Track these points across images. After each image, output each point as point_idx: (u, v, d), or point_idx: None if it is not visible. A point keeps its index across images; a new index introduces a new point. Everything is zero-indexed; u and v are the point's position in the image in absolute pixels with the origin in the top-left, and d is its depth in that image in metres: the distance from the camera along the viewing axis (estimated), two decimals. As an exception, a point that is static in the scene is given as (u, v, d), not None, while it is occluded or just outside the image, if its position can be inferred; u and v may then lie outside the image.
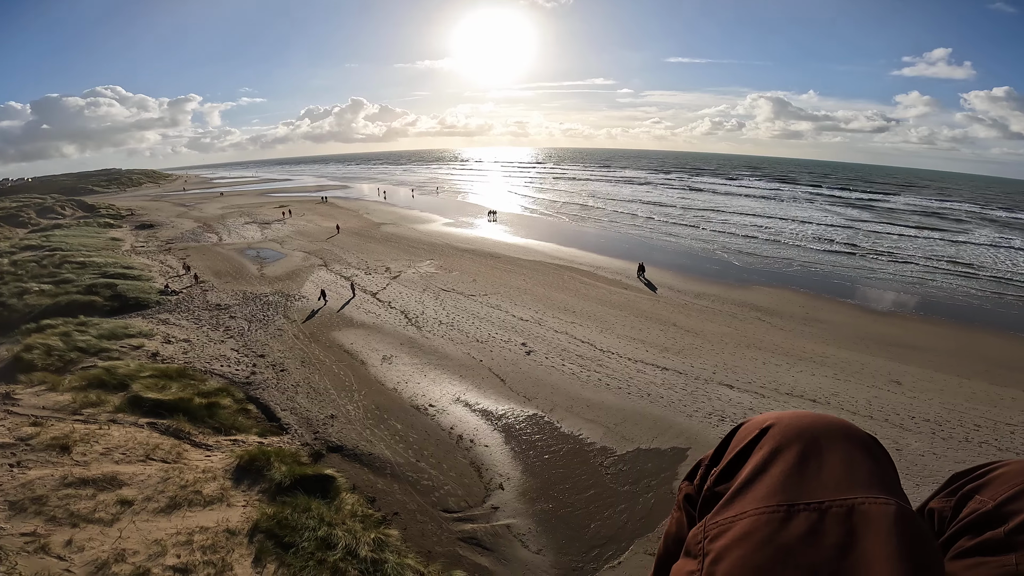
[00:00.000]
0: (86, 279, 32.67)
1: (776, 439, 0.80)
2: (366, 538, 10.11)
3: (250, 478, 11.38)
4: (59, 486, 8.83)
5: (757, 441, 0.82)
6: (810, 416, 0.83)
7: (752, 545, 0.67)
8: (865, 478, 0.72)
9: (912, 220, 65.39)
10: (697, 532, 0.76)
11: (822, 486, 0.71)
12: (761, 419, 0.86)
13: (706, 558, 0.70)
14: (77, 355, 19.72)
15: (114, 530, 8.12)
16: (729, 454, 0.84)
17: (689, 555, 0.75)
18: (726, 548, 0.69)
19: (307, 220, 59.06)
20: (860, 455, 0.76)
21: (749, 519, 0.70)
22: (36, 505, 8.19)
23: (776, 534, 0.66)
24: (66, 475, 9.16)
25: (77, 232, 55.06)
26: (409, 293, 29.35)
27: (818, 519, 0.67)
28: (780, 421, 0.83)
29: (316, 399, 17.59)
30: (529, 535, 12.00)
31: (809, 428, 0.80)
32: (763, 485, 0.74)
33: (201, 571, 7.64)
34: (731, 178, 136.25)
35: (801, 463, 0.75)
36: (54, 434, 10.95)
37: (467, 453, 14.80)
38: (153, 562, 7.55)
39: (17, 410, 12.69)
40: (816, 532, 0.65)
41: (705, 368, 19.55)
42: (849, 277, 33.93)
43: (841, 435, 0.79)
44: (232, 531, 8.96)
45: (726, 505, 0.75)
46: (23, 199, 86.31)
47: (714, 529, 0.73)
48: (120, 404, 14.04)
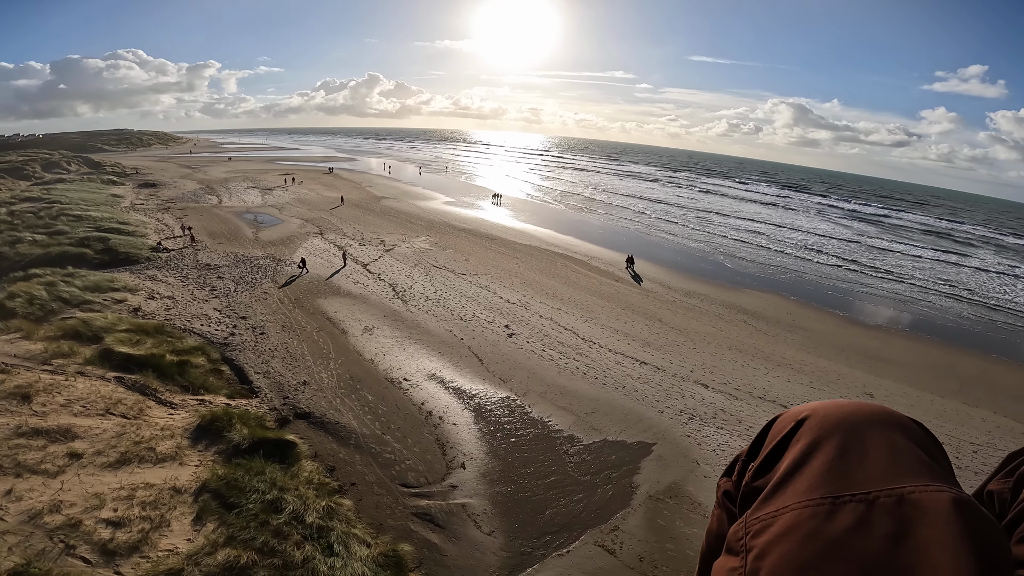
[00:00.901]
0: (80, 232, 32.64)
1: (814, 431, 0.76)
2: (316, 505, 10.12)
3: (209, 438, 11.38)
4: (11, 435, 8.82)
5: (794, 433, 0.79)
6: (849, 405, 0.79)
7: (797, 539, 0.63)
8: (913, 466, 0.68)
9: (918, 239, 64.40)
10: (738, 528, 0.73)
11: (867, 477, 0.67)
12: (797, 411, 0.83)
13: (749, 554, 0.67)
14: (59, 305, 19.73)
15: (56, 482, 8.11)
16: (766, 448, 0.82)
17: (731, 552, 0.72)
18: (770, 543, 0.66)
19: (309, 189, 58.82)
20: (905, 442, 0.72)
21: (792, 513, 0.67)
22: (-16, 453, 8.17)
23: (822, 527, 0.63)
24: (21, 424, 9.15)
25: (79, 187, 54.92)
26: (400, 267, 29.27)
27: (865, 510, 0.63)
28: (817, 412, 0.80)
29: (291, 364, 17.58)
30: (483, 516, 12.00)
31: (849, 417, 0.76)
32: (804, 478, 0.71)
33: (135, 526, 7.64)
34: (741, 181, 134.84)
35: (842, 454, 0.71)
36: (18, 382, 10.93)
37: (434, 430, 14.79)
38: (88, 515, 7.55)
39: (-13, 356, 12.69)
40: (865, 524, 0.61)
41: (684, 365, 19.47)
42: (841, 289, 33.59)
43: (883, 422, 0.75)
44: (178, 489, 8.95)
45: (766, 500, 0.72)
46: (30, 153, 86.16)
47: (756, 525, 0.70)
48: (91, 356, 14.03)
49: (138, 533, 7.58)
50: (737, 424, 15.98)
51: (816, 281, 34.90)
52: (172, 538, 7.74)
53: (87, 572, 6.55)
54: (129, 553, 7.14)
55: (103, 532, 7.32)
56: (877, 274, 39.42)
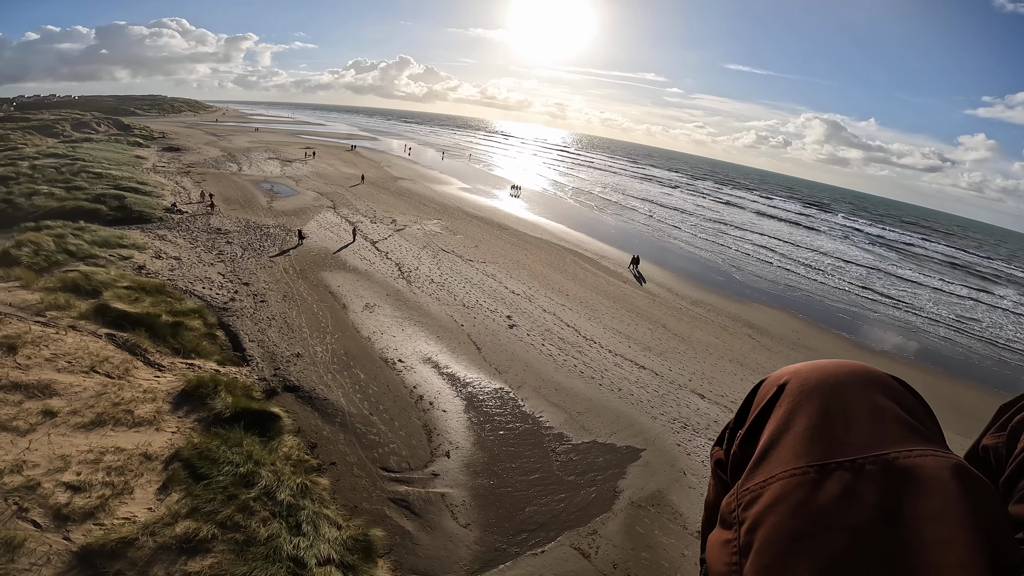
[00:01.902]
0: (98, 189, 32.88)
1: (795, 395, 0.74)
2: (291, 482, 9.93)
3: (191, 404, 11.25)
4: (-12, 389, 8.70)
5: (776, 399, 0.76)
6: (829, 365, 0.76)
7: (787, 510, 0.62)
8: (897, 429, 0.66)
9: (939, 270, 62.20)
10: (730, 499, 0.72)
11: (851, 442, 0.65)
12: (779, 374, 0.80)
13: (742, 526, 0.66)
14: (64, 257, 19.79)
15: (25, 440, 7.96)
16: (751, 415, 0.79)
17: (725, 524, 0.71)
18: (761, 514, 0.64)
19: (328, 164, 58.84)
20: (888, 403, 0.70)
21: (780, 482, 0.65)
22: (-48, 406, 8.04)
23: (810, 497, 0.62)
24: (0, 377, 9.02)
25: (104, 147, 55.45)
26: (409, 247, 29.07)
27: (853, 478, 0.61)
28: (798, 374, 0.77)
29: (287, 335, 17.46)
30: (461, 507, 11.75)
31: (829, 379, 0.73)
32: (788, 446, 0.69)
33: (96, 491, 7.47)
34: (765, 196, 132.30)
35: (825, 418, 0.69)
36: (7, 332, 10.84)
37: (423, 415, 14.57)
38: (49, 477, 7.39)
39: (-18, 304, 12.66)
40: (852, 492, 0.60)
41: (682, 374, 19.05)
42: (851, 312, 32.65)
43: (865, 383, 0.72)
44: (149, 456, 8.79)
45: (754, 469, 0.71)
46: (62, 113, 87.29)
47: (746, 495, 0.68)
48: (86, 311, 13.96)
49: (97, 499, 7.41)
50: (732, 439, 15.58)
51: (827, 303, 33.99)
52: (132, 506, 7.58)
53: (34, 536, 6.38)
54: (83, 519, 6.97)
55: (60, 496, 7.17)
56: (890, 302, 38.21)
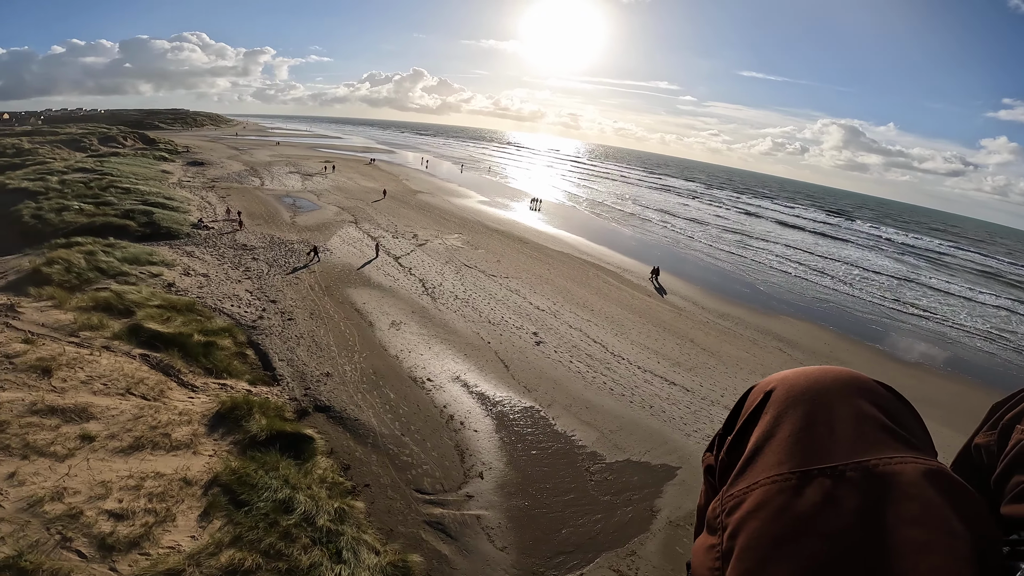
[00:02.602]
0: (126, 204, 33.43)
1: (781, 402, 0.75)
2: (328, 507, 9.80)
3: (226, 426, 11.18)
4: (25, 412, 8.66)
5: (763, 405, 0.77)
6: (815, 372, 0.77)
7: (767, 516, 0.63)
8: (880, 436, 0.67)
9: (971, 279, 59.72)
10: (715, 505, 0.72)
11: (834, 448, 0.66)
12: (766, 382, 0.81)
13: (725, 531, 0.67)
14: (95, 275, 20.04)
15: (64, 466, 7.91)
16: (739, 421, 0.80)
17: (711, 529, 0.71)
18: (742, 520, 0.65)
19: (347, 177, 59.41)
20: (872, 409, 0.71)
21: (762, 489, 0.66)
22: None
23: (790, 503, 0.62)
24: (36, 401, 9.00)
25: (131, 161, 56.59)
26: (431, 263, 29.05)
27: (833, 485, 0.62)
28: (784, 381, 0.77)
29: (316, 354, 17.43)
30: (497, 530, 11.54)
31: (814, 386, 0.75)
32: (772, 452, 0.70)
33: (139, 519, 7.38)
34: (787, 204, 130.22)
35: (809, 425, 0.70)
36: (41, 355, 10.87)
37: (454, 435, 14.39)
38: (90, 504, 7.31)
39: (16, 324, 12.74)
40: (833, 498, 0.61)
41: (714, 389, 18.66)
42: (882, 324, 31.80)
43: (850, 390, 0.73)
44: (188, 481, 8.71)
45: (739, 475, 0.72)
46: (90, 127, 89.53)
47: (730, 501, 0.69)
48: (120, 331, 14.04)
49: (141, 527, 7.31)
50: (770, 459, 15.15)
51: (857, 314, 33.15)
52: (176, 534, 7.47)
53: (81, 567, 6.29)
54: (128, 549, 6.87)
55: (104, 524, 7.08)
56: (922, 312, 37.07)
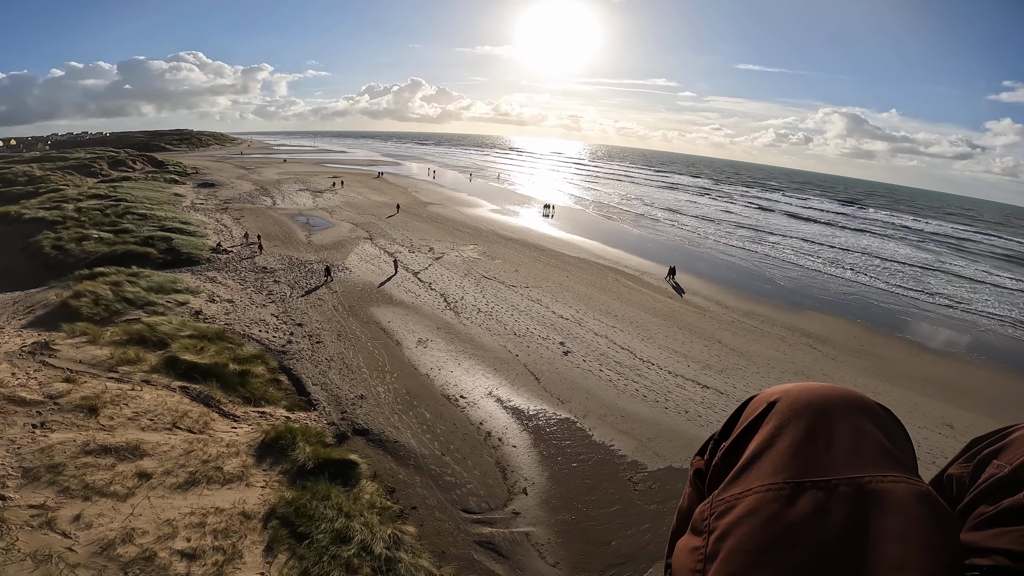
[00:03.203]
0: (145, 231, 33.75)
1: (783, 413, 0.76)
2: (382, 533, 9.77)
3: (273, 456, 11.20)
4: (79, 453, 8.70)
5: (765, 415, 0.78)
6: (820, 388, 0.79)
7: (758, 522, 0.65)
8: (876, 454, 0.69)
9: (997, 264, 58.14)
10: (704, 508, 0.74)
11: (830, 463, 0.68)
12: (769, 392, 0.83)
13: (711, 535, 0.68)
14: (123, 306, 20.18)
15: (127, 506, 7.93)
16: (737, 429, 0.81)
17: (695, 531, 0.73)
18: (732, 525, 0.66)
19: (357, 192, 59.70)
20: (871, 428, 0.73)
21: (755, 496, 0.67)
22: (51, 474, 8.01)
23: (782, 512, 0.64)
24: (89, 441, 9.04)
25: (143, 185, 57.21)
26: (450, 276, 29.06)
27: (825, 497, 0.64)
28: (788, 394, 0.79)
29: (348, 376, 17.45)
30: (547, 546, 11.48)
31: (818, 401, 0.76)
32: (769, 461, 0.71)
33: (209, 557, 7.38)
34: (799, 196, 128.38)
35: (809, 438, 0.72)
36: (85, 393, 10.94)
37: (494, 452, 14.34)
38: (161, 545, 7.32)
39: (53, 362, 12.84)
40: (823, 510, 0.63)
41: (748, 391, 18.45)
42: (911, 314, 31.42)
43: (852, 408, 0.75)
44: (247, 514, 8.71)
45: (733, 481, 0.73)
46: (98, 151, 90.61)
47: (720, 506, 0.71)
48: (156, 364, 14.13)
49: (212, 566, 7.32)
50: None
51: (884, 305, 32.75)
52: (245, 572, 7.47)
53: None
54: (206, 590, 6.90)
55: (178, 565, 7.09)
56: (949, 300, 36.47)
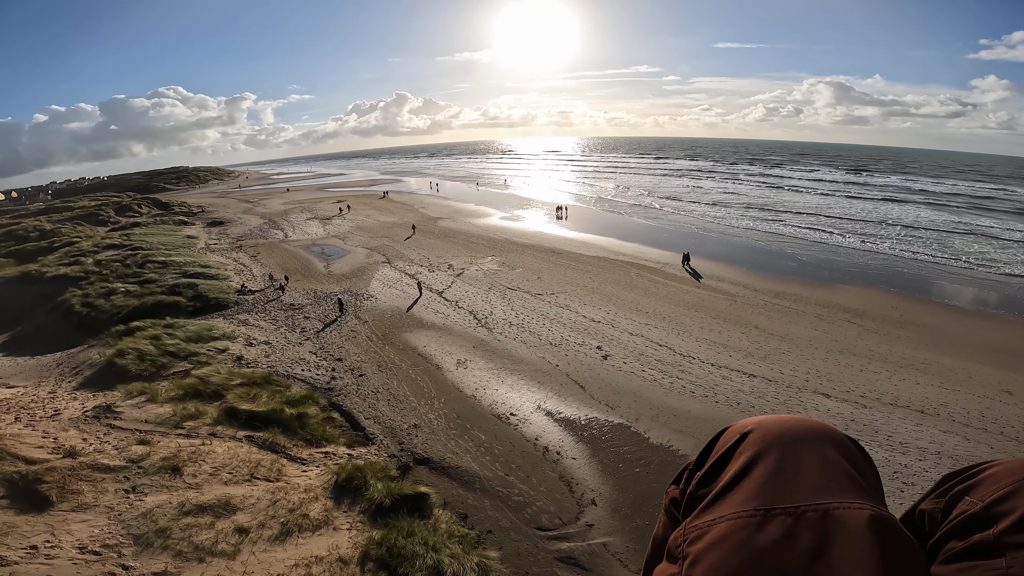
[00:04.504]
0: (168, 279, 34.18)
1: (756, 444, 0.80)
2: (470, 563, 9.93)
3: (349, 497, 11.40)
4: (179, 514, 8.93)
5: (737, 446, 0.82)
6: (790, 420, 0.84)
7: (728, 548, 0.67)
8: (842, 483, 0.73)
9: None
10: (678, 535, 0.76)
11: (799, 491, 0.72)
12: (742, 424, 0.86)
13: (685, 561, 0.71)
14: (168, 359, 20.50)
15: (238, 564, 8.14)
16: (712, 458, 0.85)
17: (670, 558, 0.75)
18: (703, 551, 0.69)
19: (365, 215, 60.02)
20: (838, 458, 0.77)
21: (727, 523, 0.71)
22: (161, 539, 8.26)
23: (751, 538, 0.67)
24: (183, 502, 9.29)
25: (155, 230, 57.88)
26: (475, 292, 29.21)
27: (792, 523, 0.68)
28: (760, 426, 0.84)
29: (397, 407, 17.63)
30: (627, 553, 11.58)
31: (788, 432, 0.81)
32: (742, 490, 0.75)
33: (328, 609, 7.55)
34: (803, 169, 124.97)
35: (779, 468, 0.75)
36: (163, 454, 11.19)
37: (555, 466, 14.45)
38: (281, 600, 7.53)
39: (120, 424, 13.12)
40: (790, 536, 0.66)
41: (797, 375, 18.47)
42: (943, 278, 31.17)
43: (820, 439, 0.79)
44: (344, 560, 8.90)
45: (705, 509, 0.76)
46: (101, 197, 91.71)
47: (693, 532, 0.74)
48: (217, 416, 14.39)
49: (333, 618, 7.49)
50: (874, 434, 14.91)
51: (912, 272, 32.48)
52: (362, 620, 7.63)
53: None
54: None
55: (303, 621, 7.26)
56: (984, 261, 35.66)
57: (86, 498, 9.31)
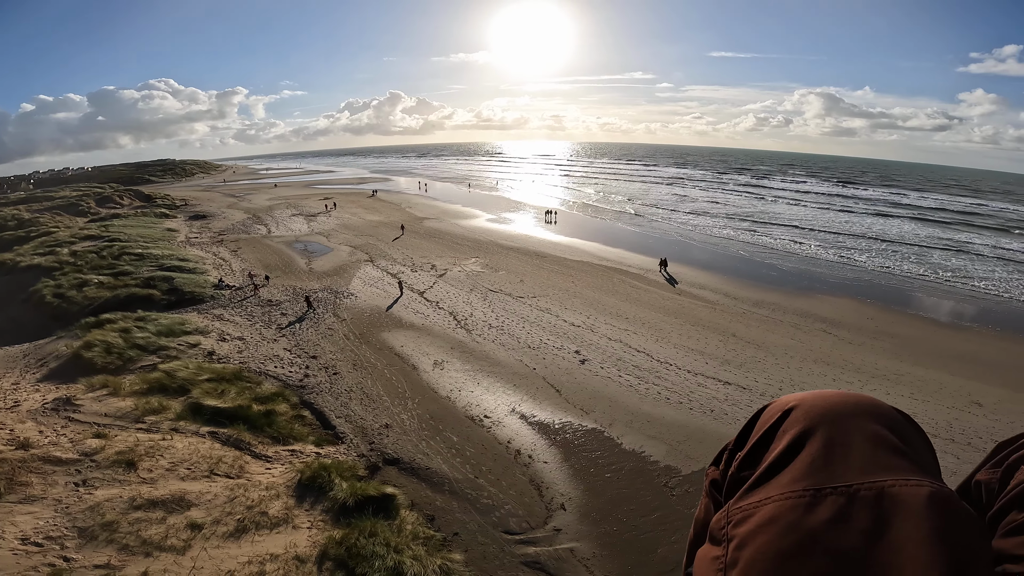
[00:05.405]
0: (144, 271, 33.59)
1: (800, 422, 0.76)
2: (432, 565, 9.78)
3: (312, 496, 11.18)
4: (128, 508, 8.69)
5: (780, 424, 0.78)
6: (834, 395, 0.79)
7: (777, 530, 0.64)
8: (895, 459, 0.69)
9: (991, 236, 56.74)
10: (721, 517, 0.73)
11: (849, 469, 0.67)
12: (783, 401, 0.82)
13: (730, 543, 0.68)
14: (136, 353, 20.07)
15: (187, 559, 7.92)
16: (753, 438, 0.81)
17: (714, 540, 0.72)
18: (750, 533, 0.66)
19: (351, 213, 59.61)
20: (889, 434, 0.72)
21: (774, 504, 0.67)
22: (107, 532, 8.03)
23: (802, 519, 0.64)
24: (135, 496, 9.03)
25: (135, 222, 56.90)
26: (456, 293, 29.04)
27: (846, 503, 0.64)
28: (803, 403, 0.79)
29: (370, 406, 17.40)
30: (594, 560, 11.49)
31: (833, 408, 0.76)
32: (788, 470, 0.71)
33: (278, 609, 7.36)
34: (792, 180, 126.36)
35: (826, 446, 0.71)
36: (119, 448, 10.91)
37: (526, 470, 14.32)
38: (230, 599, 7.32)
39: (79, 417, 12.79)
40: (844, 517, 0.62)
41: (771, 384, 18.54)
42: (920, 289, 31.68)
43: (869, 414, 0.75)
44: (301, 558, 8.70)
45: (750, 491, 0.73)
46: (83, 188, 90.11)
47: (737, 515, 0.71)
48: (181, 411, 14.07)
49: (283, 619, 7.29)
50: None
51: (891, 283, 32.94)
52: (314, 622, 7.44)
53: None
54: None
55: (251, 622, 7.05)
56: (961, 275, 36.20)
57: (34, 490, 9.03)
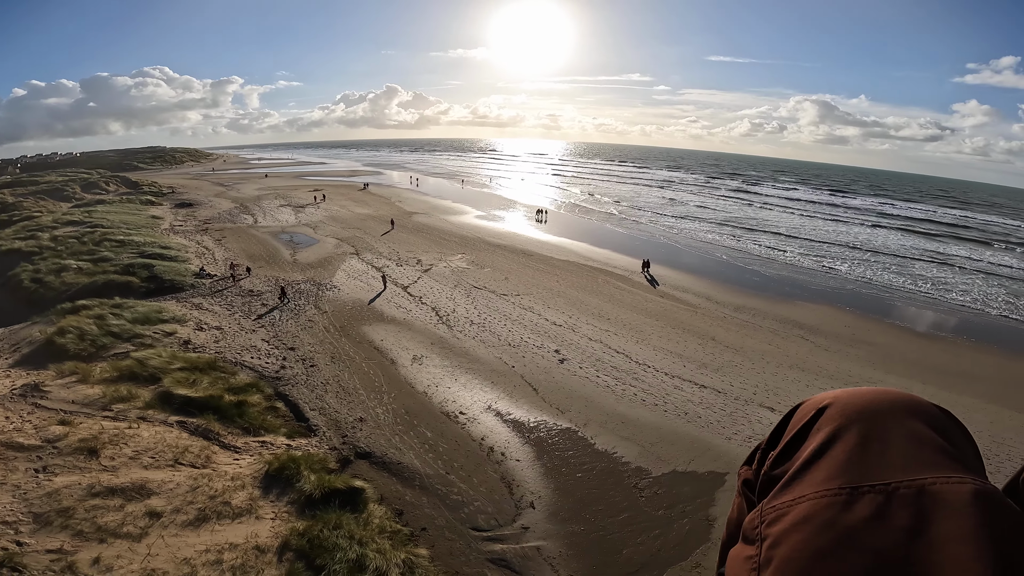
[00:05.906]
0: (124, 258, 33.16)
1: (835, 420, 0.74)
2: (396, 559, 9.76)
3: (279, 487, 11.12)
4: (86, 496, 8.60)
5: (814, 422, 0.77)
6: (870, 393, 0.77)
7: (813, 529, 0.62)
8: (935, 456, 0.67)
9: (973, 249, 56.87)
10: (754, 516, 0.72)
11: (887, 467, 0.66)
12: (819, 399, 0.80)
13: (764, 543, 0.66)
14: (110, 340, 19.82)
15: (143, 546, 7.86)
16: (786, 436, 0.79)
17: (747, 540, 0.71)
18: (784, 532, 0.65)
19: (340, 206, 59.27)
20: (928, 431, 0.70)
21: (809, 503, 0.66)
22: (62, 518, 7.96)
23: (838, 517, 0.62)
24: (94, 483, 8.94)
25: (119, 208, 56.16)
26: (440, 289, 28.99)
27: (884, 501, 0.62)
28: (838, 400, 0.77)
29: (345, 399, 17.33)
30: (560, 559, 11.53)
31: (870, 405, 0.74)
32: (823, 468, 0.69)
33: (230, 597, 7.33)
34: (784, 187, 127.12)
35: (863, 443, 0.69)
36: (83, 435, 10.79)
37: (498, 467, 14.34)
38: (182, 586, 7.27)
39: (46, 404, 12.63)
40: (882, 515, 0.60)
41: (746, 388, 18.70)
42: (899, 298, 32.14)
43: (906, 411, 0.73)
44: (261, 548, 8.66)
45: (783, 489, 0.71)
46: (70, 173, 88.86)
47: (771, 513, 0.69)
48: (150, 400, 13.94)
49: (235, 607, 7.26)
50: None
51: (870, 292, 33.29)
52: (267, 612, 7.42)
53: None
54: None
55: (203, 610, 7.02)
56: (941, 285, 36.82)
57: (-7, 476, 8.90)
